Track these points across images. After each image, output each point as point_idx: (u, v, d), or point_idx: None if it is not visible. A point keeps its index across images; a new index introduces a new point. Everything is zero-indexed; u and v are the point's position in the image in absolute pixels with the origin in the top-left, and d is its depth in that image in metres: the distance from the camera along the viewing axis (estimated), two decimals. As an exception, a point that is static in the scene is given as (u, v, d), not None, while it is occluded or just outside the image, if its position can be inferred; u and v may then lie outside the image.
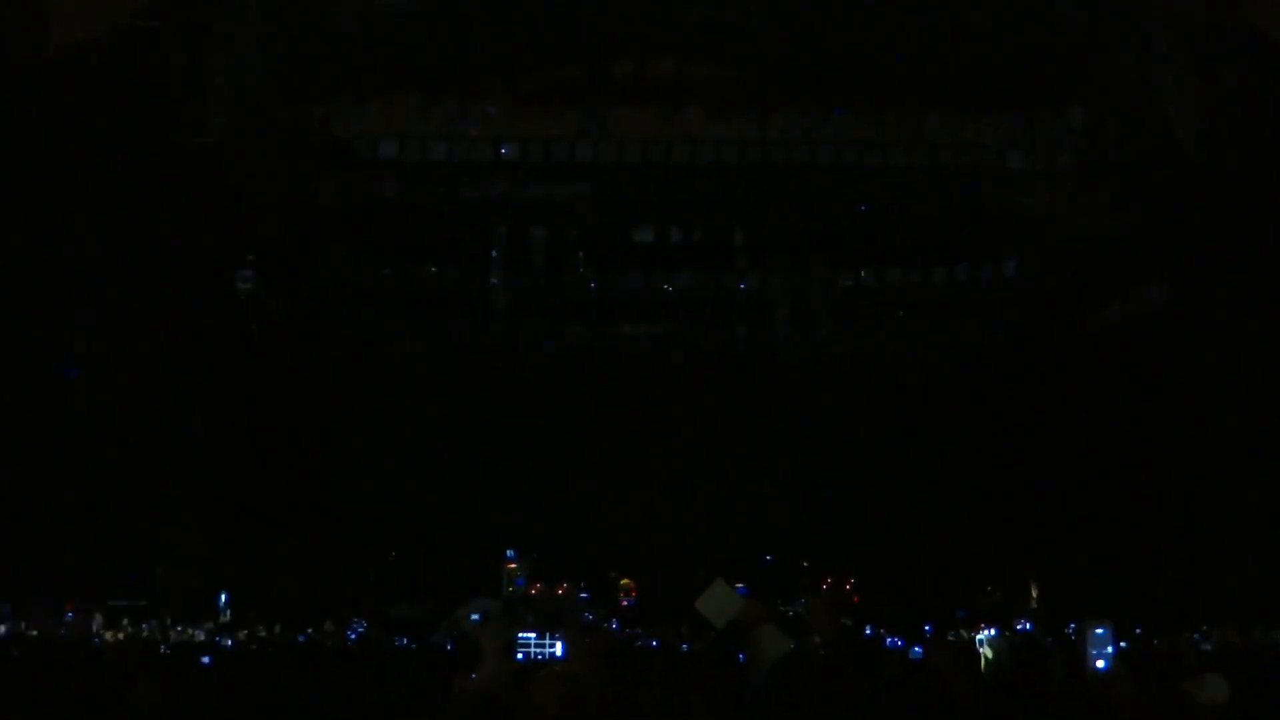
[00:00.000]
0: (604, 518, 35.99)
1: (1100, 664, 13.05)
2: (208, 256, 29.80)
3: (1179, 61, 29.21)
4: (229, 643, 20.69)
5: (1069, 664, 13.19)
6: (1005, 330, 36.44)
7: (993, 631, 19.03)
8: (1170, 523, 29.55)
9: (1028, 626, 27.88)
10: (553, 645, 10.74)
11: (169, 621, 24.32)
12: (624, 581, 35.63)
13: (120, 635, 21.66)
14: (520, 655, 10.46)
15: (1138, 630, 23.11)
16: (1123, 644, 20.10)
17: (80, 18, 27.25)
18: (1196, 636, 21.16)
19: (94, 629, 23.35)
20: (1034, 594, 32.33)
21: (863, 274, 36.98)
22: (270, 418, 32.02)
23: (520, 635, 10.77)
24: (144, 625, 21.77)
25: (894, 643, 19.77)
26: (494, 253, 36.32)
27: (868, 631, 23.82)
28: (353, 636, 24.53)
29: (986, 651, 14.47)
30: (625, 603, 34.73)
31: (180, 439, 28.76)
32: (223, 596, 27.81)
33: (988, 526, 34.99)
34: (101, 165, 27.05)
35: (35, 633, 22.35)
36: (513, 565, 35.08)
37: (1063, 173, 33.32)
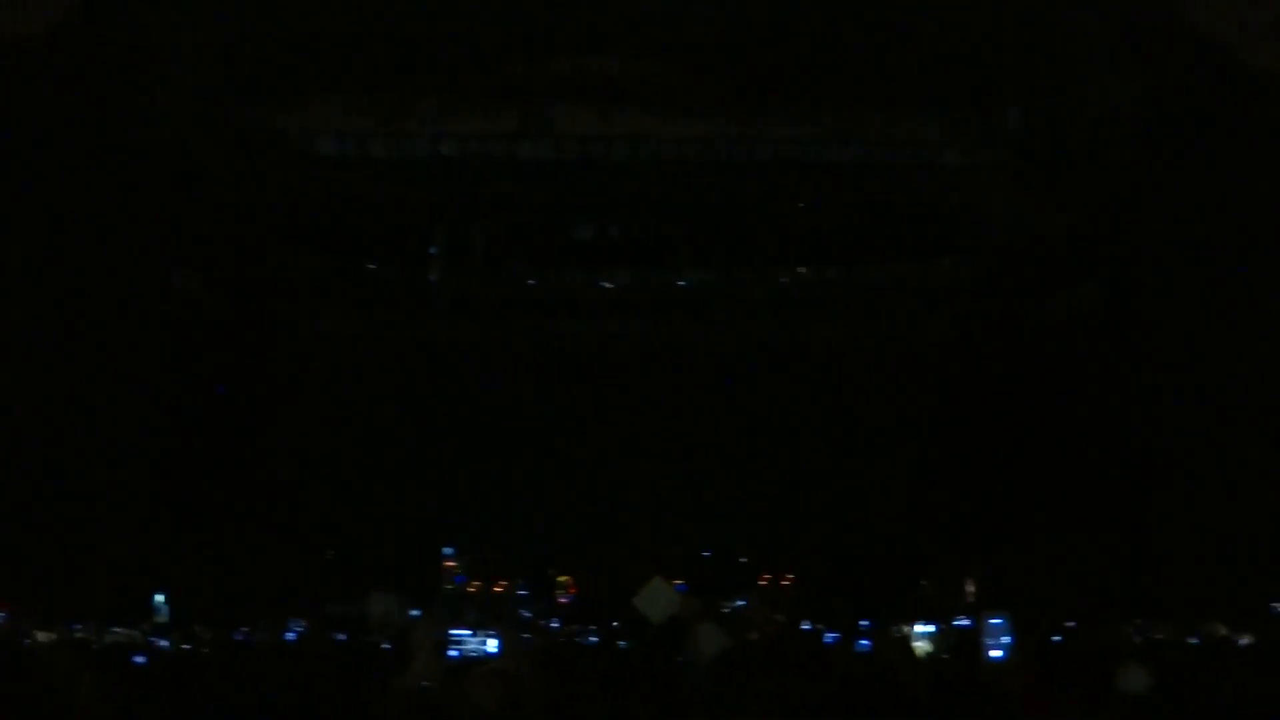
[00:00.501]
0: (543, 515, 35.95)
1: (995, 653, 13.16)
2: (148, 252, 29.52)
3: (1116, 59, 29.41)
4: (164, 643, 20.50)
5: (969, 653, 13.32)
6: (944, 326, 36.58)
7: (931, 626, 19.20)
8: (1109, 516, 29.76)
9: (966, 622, 28.02)
10: (486, 642, 10.74)
11: (104, 622, 24.08)
12: (562, 579, 35.60)
13: (53, 636, 21.41)
14: (455, 652, 10.44)
15: (1071, 623, 23.25)
16: (1057, 637, 20.27)
17: (22, 12, 26.92)
18: (1135, 630, 21.31)
19: (25, 630, 23.07)
20: (969, 588, 32.52)
21: (802, 270, 37.08)
22: (209, 415, 31.78)
23: (454, 632, 10.76)
24: (77, 626, 21.51)
25: (832, 638, 19.80)
26: (433, 250, 36.20)
27: (805, 627, 23.85)
28: (292, 635, 24.34)
29: (924, 645, 14.59)
30: (564, 600, 34.71)
31: (117, 436, 28.50)
32: (158, 596, 27.55)
33: (925, 521, 35.15)
34: (44, 161, 26.74)
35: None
36: (451, 563, 35.01)
37: (1001, 169, 33.50)
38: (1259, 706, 10.00)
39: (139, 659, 16.09)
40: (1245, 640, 17.19)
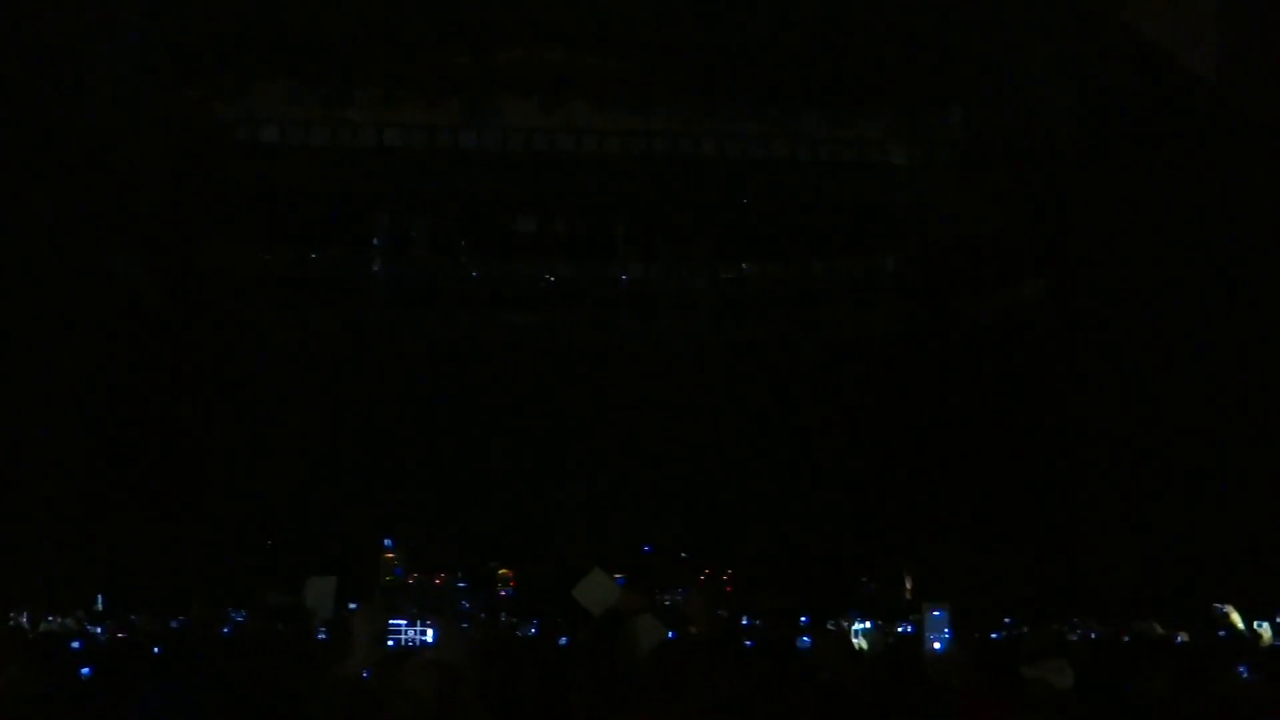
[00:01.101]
0: (483, 507, 35.92)
1: (937, 645, 13.32)
2: (87, 239, 29.26)
3: (1056, 60, 29.64)
4: (99, 630, 20.37)
5: (912, 647, 13.46)
6: (886, 324, 36.75)
7: (869, 624, 19.28)
8: (1044, 516, 30.00)
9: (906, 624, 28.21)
10: (424, 632, 10.75)
11: (39, 610, 23.89)
12: (502, 571, 35.59)
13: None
14: (391, 642, 10.45)
15: (1007, 620, 23.46)
16: (995, 635, 20.45)
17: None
18: (1070, 626, 21.53)
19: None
20: (908, 585, 32.73)
21: (744, 266, 37.18)
22: (147, 403, 31.57)
23: (392, 622, 10.76)
24: (11, 615, 21.33)
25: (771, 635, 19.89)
26: (375, 240, 36.07)
27: (744, 622, 23.98)
28: (227, 628, 24.20)
29: (861, 642, 14.64)
30: (503, 593, 34.70)
31: (53, 424, 28.25)
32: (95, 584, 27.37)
33: (864, 518, 35.33)
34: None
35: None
36: (390, 554, 34.94)
37: (942, 169, 33.69)
38: (1189, 703, 10.13)
39: (74, 644, 16.02)
40: (1180, 638, 17.37)
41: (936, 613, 13.83)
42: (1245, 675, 10.93)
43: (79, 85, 28.23)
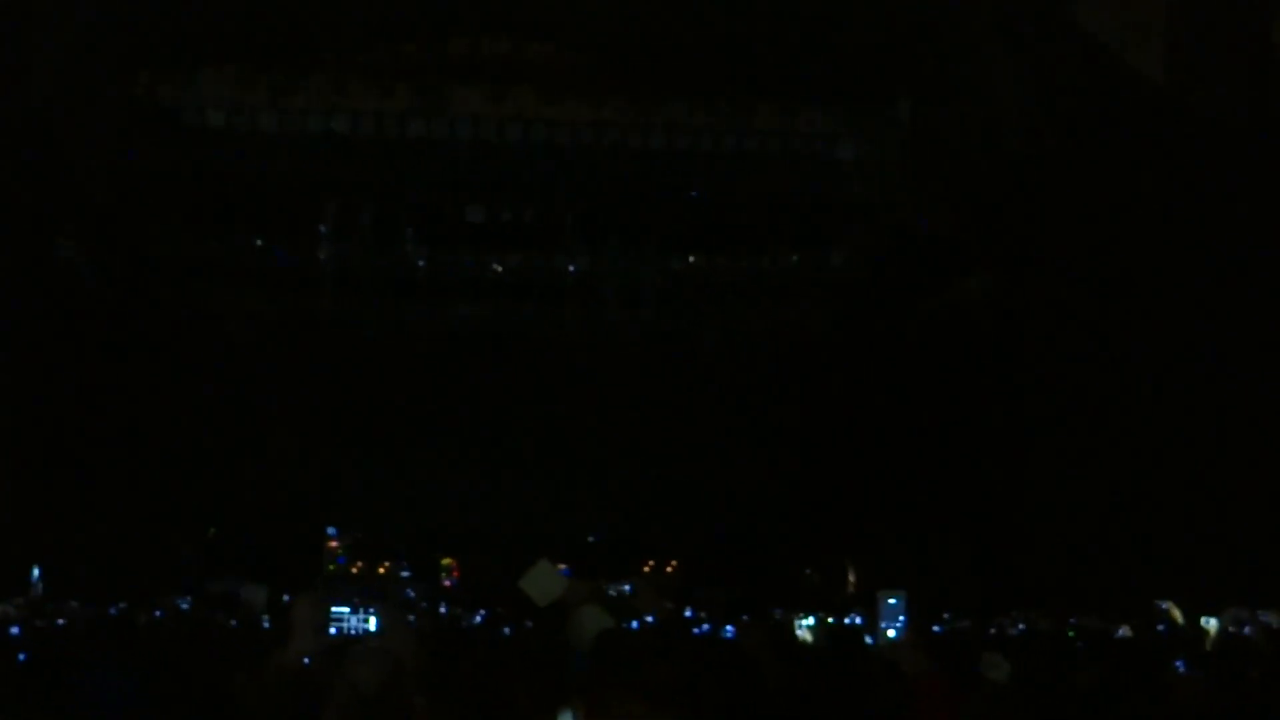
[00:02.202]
0: (427, 496, 35.82)
1: (891, 633, 13.46)
2: (26, 224, 28.97)
3: (1005, 56, 29.77)
4: (38, 620, 20.20)
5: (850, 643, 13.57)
6: (831, 317, 36.82)
7: (812, 618, 19.40)
8: (988, 509, 30.17)
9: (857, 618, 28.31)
10: (366, 620, 10.72)
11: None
12: (446, 561, 35.50)
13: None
14: (333, 630, 10.40)
15: (945, 615, 23.56)
16: (934, 628, 20.53)
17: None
18: (1012, 620, 21.65)
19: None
20: (851, 578, 32.85)
21: (691, 258, 37.17)
22: (89, 389, 31.31)
23: (334, 610, 10.72)
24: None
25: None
26: (322, 228, 35.84)
27: (688, 613, 24.00)
28: (161, 613, 24.06)
29: (805, 635, 14.72)
30: (448, 583, 34.63)
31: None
32: (35, 571, 27.15)
33: (809, 509, 35.41)
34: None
35: None
36: (334, 543, 34.83)
37: (890, 163, 33.82)
38: (1129, 696, 10.23)
39: (13, 629, 15.90)
40: (1122, 632, 17.52)
41: (892, 600, 13.95)
42: (1182, 670, 11.07)
43: (23, 67, 27.92)
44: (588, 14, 32.13)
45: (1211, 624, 15.04)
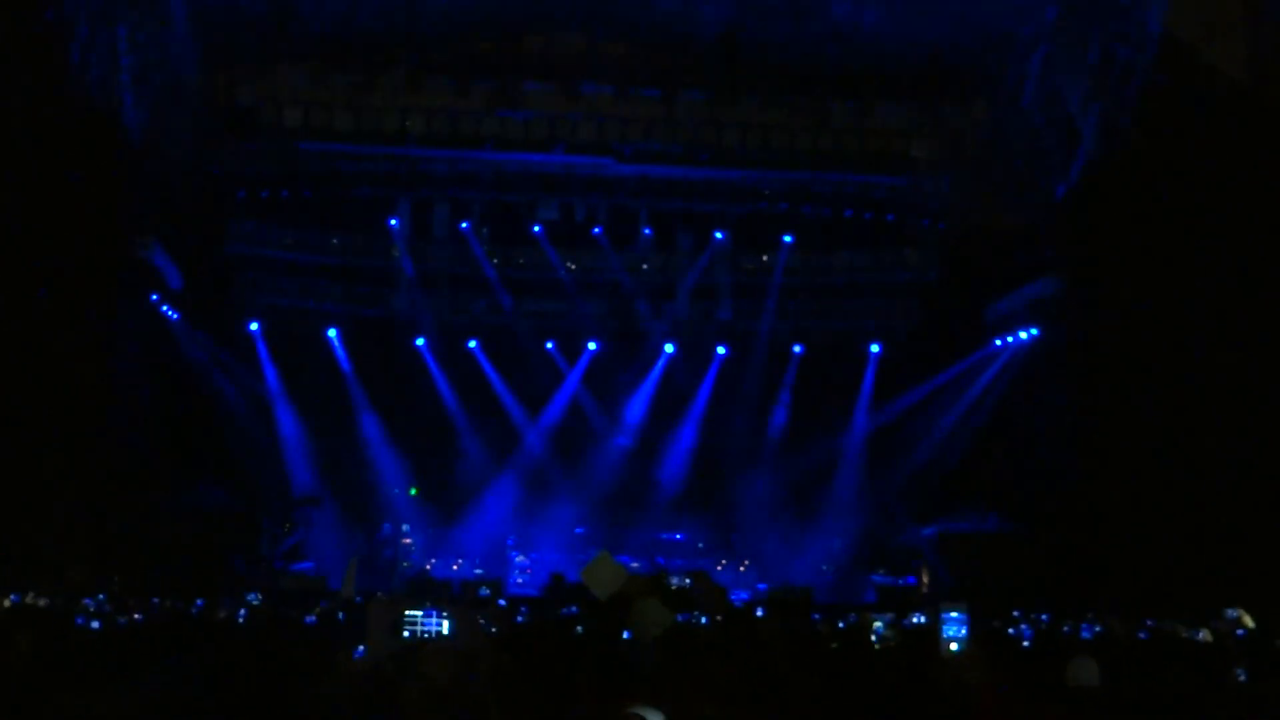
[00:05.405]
0: (498, 494, 36.11)
1: (954, 646, 13.44)
2: (110, 227, 29.08)
3: (1082, 55, 29.52)
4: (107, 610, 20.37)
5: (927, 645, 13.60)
6: (906, 316, 36.57)
7: (887, 617, 19.41)
8: (1066, 511, 29.89)
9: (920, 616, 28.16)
10: (439, 623, 10.72)
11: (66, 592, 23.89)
12: (520, 559, 35.52)
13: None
14: (407, 632, 10.43)
15: (1015, 614, 23.41)
16: (1024, 629, 20.42)
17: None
18: (1084, 625, 21.43)
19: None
20: (924, 580, 32.65)
21: (765, 258, 36.94)
22: (171, 389, 31.46)
23: (408, 612, 10.74)
24: (14, 595, 21.33)
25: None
26: (394, 223, 35.88)
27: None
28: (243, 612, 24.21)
29: (887, 634, 14.79)
30: (520, 580, 34.65)
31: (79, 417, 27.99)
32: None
33: (884, 512, 35.29)
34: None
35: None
36: (407, 540, 35.01)
37: (962, 164, 33.72)
38: (1208, 703, 10.11)
39: (94, 625, 16.07)
40: (1202, 636, 17.29)
41: (954, 614, 13.95)
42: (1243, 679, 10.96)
43: (104, 69, 28.11)
44: (663, 12, 32.18)
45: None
